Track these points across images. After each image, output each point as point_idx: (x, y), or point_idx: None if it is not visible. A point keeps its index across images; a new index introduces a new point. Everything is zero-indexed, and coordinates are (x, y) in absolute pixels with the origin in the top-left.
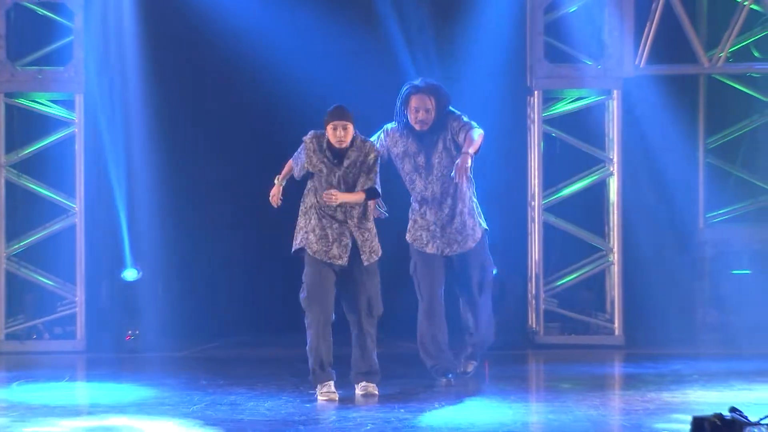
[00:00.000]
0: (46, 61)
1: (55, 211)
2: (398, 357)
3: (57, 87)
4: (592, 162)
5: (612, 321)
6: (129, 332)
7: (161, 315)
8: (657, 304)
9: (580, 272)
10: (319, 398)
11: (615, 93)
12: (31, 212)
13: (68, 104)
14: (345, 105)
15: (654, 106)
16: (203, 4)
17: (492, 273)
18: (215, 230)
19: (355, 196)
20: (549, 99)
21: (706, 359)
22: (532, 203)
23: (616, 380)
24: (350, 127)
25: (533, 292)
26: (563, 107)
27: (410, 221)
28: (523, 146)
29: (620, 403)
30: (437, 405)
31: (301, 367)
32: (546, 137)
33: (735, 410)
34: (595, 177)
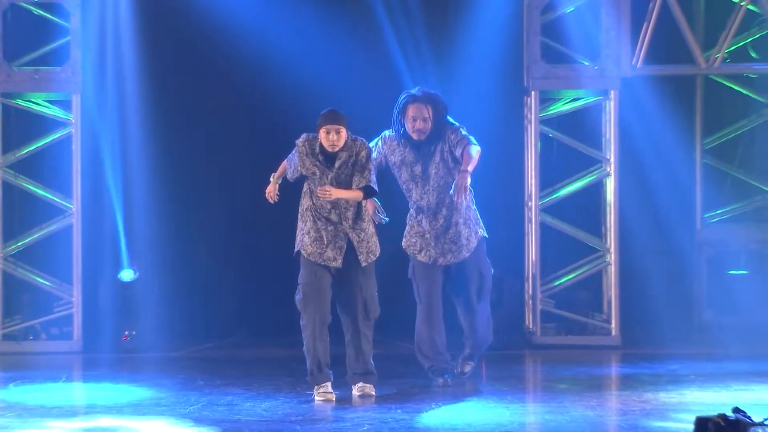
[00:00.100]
0: (43, 62)
1: (52, 212)
2: (395, 357)
3: (54, 87)
4: (589, 162)
5: (609, 321)
6: (126, 333)
7: (158, 315)
8: (654, 305)
9: (577, 273)
10: (316, 399)
11: (612, 93)
12: (28, 213)
13: (65, 105)
14: (339, 108)
15: (651, 107)
16: (200, 5)
17: (491, 280)
18: (212, 231)
19: (352, 193)
20: (546, 99)
21: (703, 359)
22: (529, 204)
23: (613, 380)
24: (343, 131)
25: (530, 293)
26: (560, 108)
27: (407, 226)
28: (520, 147)
29: (617, 404)
30: (434, 405)
31: (298, 368)
32: (543, 138)
33: (738, 410)
34: (592, 177)
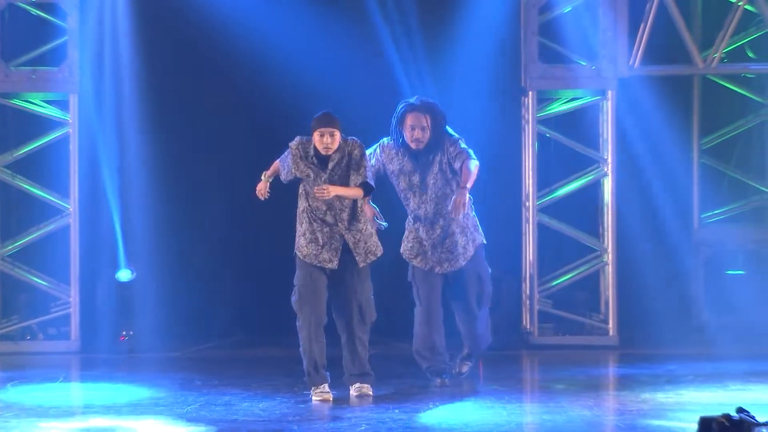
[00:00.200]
0: (40, 62)
1: (50, 212)
2: (393, 357)
3: (51, 87)
4: (587, 162)
5: (606, 321)
6: (123, 333)
7: (156, 316)
8: (651, 305)
9: (575, 273)
10: (314, 399)
11: (609, 93)
12: (26, 213)
13: (62, 105)
14: (336, 108)
15: (648, 107)
16: (198, 5)
17: (491, 285)
18: (210, 231)
19: (350, 190)
20: (543, 99)
21: (701, 359)
22: (527, 204)
23: (611, 381)
24: (337, 134)
25: (527, 293)
26: (558, 108)
27: (405, 231)
28: (518, 147)
29: (614, 404)
30: (432, 405)
31: (296, 368)
32: (540, 138)
33: (742, 410)
34: (590, 177)
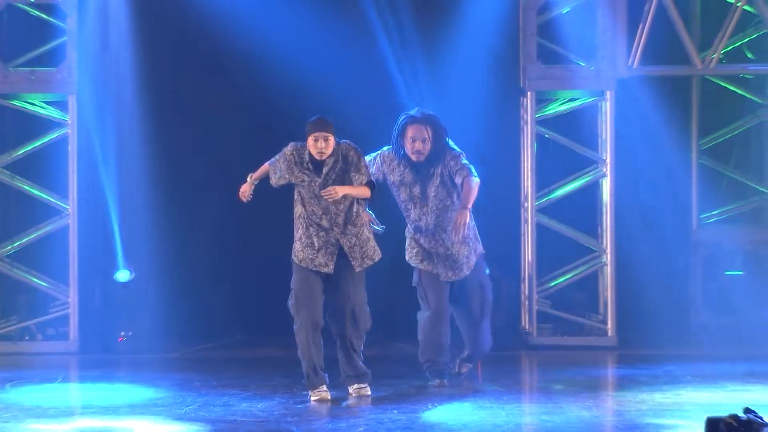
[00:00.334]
0: (39, 62)
1: (48, 212)
2: (392, 358)
3: (50, 88)
4: (585, 163)
5: (605, 322)
6: (122, 333)
7: (154, 316)
8: (650, 305)
9: (573, 273)
10: (312, 399)
11: (608, 94)
12: (24, 213)
13: (61, 105)
14: (334, 108)
15: (647, 108)
16: (197, 5)
17: (492, 294)
18: (208, 231)
19: (358, 189)
20: (542, 100)
21: (699, 360)
22: (525, 204)
23: (609, 381)
24: (331, 139)
25: (526, 293)
26: (556, 108)
27: (407, 240)
28: (516, 147)
29: (613, 404)
30: (430, 406)
31: (295, 369)
32: (539, 138)
33: (750, 411)
34: (588, 178)
